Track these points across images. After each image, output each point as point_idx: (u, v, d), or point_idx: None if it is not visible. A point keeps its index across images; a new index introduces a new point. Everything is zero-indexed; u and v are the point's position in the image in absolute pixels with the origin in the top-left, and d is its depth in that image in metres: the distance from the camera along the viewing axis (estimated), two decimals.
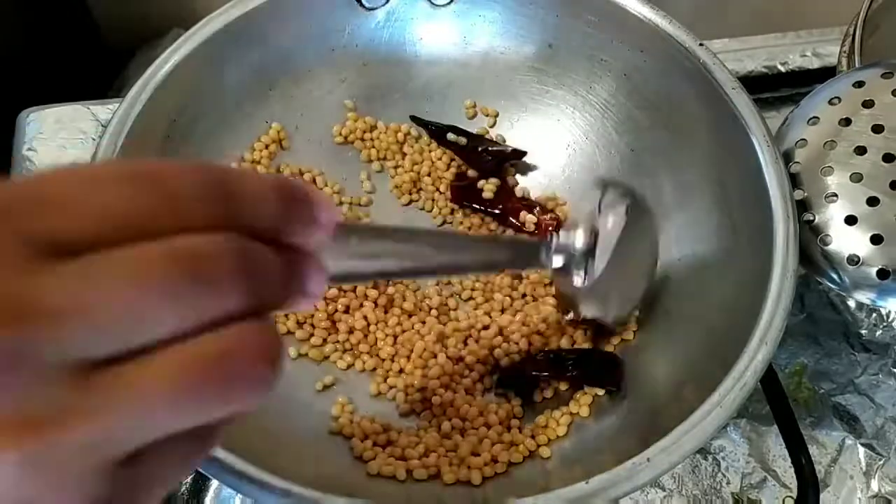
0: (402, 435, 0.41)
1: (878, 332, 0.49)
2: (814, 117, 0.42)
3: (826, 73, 0.57)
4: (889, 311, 0.49)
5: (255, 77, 0.47)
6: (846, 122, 0.41)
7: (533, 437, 0.41)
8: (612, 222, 0.36)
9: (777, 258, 0.37)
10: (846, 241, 0.39)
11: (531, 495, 0.32)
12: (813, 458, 0.41)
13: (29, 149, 0.53)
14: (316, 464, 0.39)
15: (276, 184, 0.20)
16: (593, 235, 0.35)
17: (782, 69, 0.58)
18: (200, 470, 0.33)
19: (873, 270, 0.39)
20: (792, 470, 0.42)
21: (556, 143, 0.49)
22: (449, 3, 0.49)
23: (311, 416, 0.41)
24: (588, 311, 0.42)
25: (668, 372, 0.41)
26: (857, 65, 0.44)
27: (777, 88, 0.58)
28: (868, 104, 0.41)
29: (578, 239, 0.35)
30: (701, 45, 0.43)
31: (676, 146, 0.45)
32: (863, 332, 0.49)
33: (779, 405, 0.43)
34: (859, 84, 0.42)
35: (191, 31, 0.44)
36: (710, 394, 0.34)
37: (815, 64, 0.58)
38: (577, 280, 0.35)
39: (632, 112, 0.47)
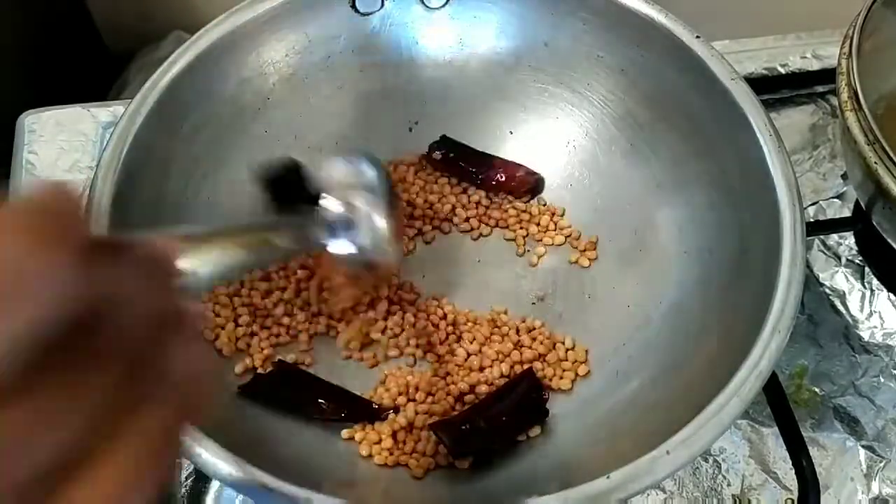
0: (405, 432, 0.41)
1: (879, 334, 0.49)
2: None
3: (826, 75, 0.57)
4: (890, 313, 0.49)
5: (253, 86, 0.47)
6: None
7: None
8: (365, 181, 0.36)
9: (785, 246, 0.37)
10: None
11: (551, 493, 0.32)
12: (813, 460, 0.41)
13: (29, 151, 0.53)
14: (319, 460, 0.39)
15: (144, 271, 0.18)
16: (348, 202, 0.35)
17: (782, 71, 0.58)
18: (201, 470, 0.33)
19: None
20: (793, 472, 0.42)
21: (555, 141, 0.49)
22: (443, 6, 0.49)
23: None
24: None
25: (681, 365, 0.41)
26: (855, 67, 0.44)
27: (777, 90, 0.57)
28: None
29: (335, 205, 0.35)
30: (697, 37, 0.43)
31: (677, 139, 0.45)
32: (863, 333, 0.49)
33: (779, 407, 0.43)
34: None
35: (188, 42, 0.44)
36: (725, 384, 0.34)
37: (815, 66, 0.58)
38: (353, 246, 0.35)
39: (631, 107, 0.47)
